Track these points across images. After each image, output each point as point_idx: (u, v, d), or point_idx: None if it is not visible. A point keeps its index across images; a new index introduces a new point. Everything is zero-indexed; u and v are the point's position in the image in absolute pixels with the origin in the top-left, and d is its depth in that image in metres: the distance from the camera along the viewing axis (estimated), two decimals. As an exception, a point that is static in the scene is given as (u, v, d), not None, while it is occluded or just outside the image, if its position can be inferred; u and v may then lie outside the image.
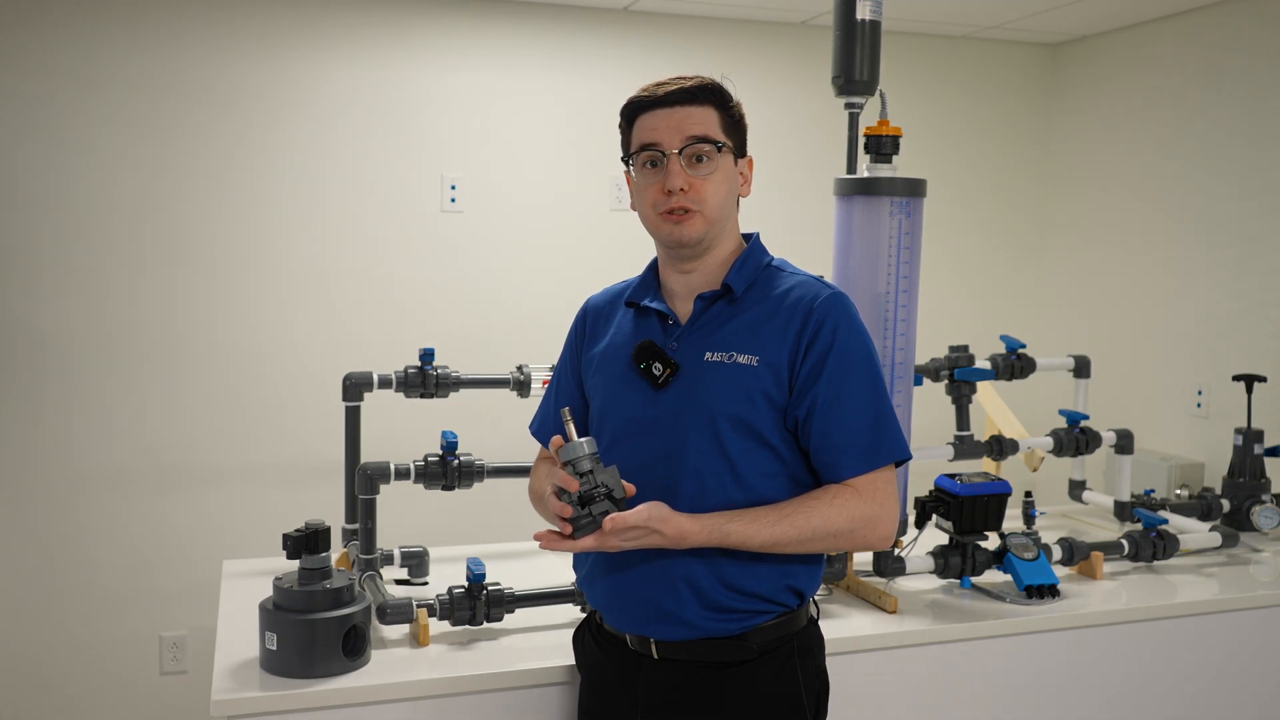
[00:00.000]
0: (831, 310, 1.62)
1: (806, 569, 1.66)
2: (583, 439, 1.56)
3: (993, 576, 2.40)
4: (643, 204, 1.67)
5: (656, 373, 1.64)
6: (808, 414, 1.60)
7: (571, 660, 1.88)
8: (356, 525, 2.21)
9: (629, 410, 1.67)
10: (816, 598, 2.28)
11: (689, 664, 1.63)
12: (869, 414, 1.61)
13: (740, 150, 1.69)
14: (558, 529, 1.56)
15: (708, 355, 1.63)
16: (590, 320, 1.82)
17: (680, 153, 1.62)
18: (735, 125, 1.68)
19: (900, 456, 1.64)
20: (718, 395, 1.61)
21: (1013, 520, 2.59)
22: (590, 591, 1.73)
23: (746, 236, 1.76)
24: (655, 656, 1.64)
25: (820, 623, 1.76)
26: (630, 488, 1.58)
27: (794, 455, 1.63)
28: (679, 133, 1.62)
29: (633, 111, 1.67)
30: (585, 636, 1.79)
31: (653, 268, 1.77)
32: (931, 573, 2.35)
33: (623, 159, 1.70)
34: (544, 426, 1.84)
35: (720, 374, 1.61)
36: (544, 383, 2.42)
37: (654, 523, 1.53)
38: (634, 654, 1.67)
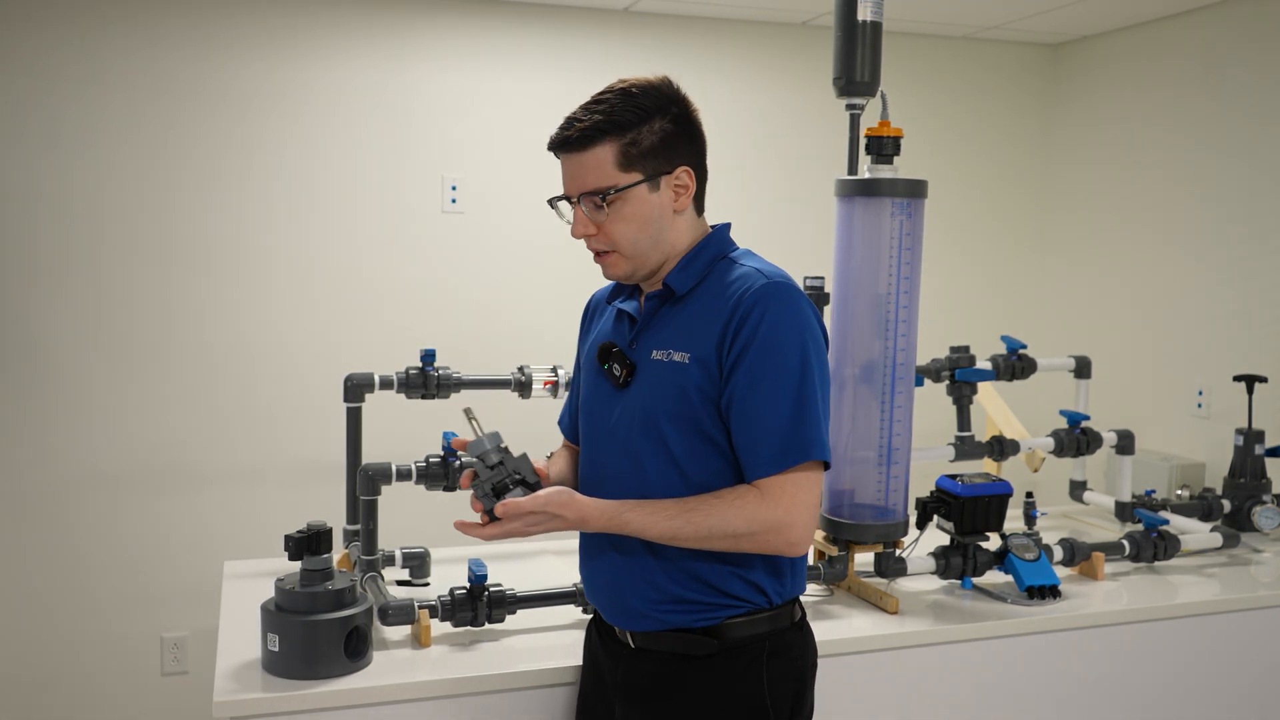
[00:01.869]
0: (761, 299, 1.55)
1: (767, 565, 1.63)
2: (487, 433, 1.60)
3: (994, 577, 2.40)
4: None
5: (616, 374, 1.66)
6: (728, 406, 1.57)
7: (573, 661, 1.91)
8: (358, 526, 2.21)
9: (597, 410, 1.71)
10: (813, 600, 2.29)
11: (660, 654, 1.65)
12: (785, 411, 1.54)
13: (656, 171, 1.59)
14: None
15: (654, 354, 1.64)
16: (590, 314, 1.87)
17: (579, 201, 1.61)
18: (644, 151, 1.58)
19: (808, 458, 1.54)
20: (657, 395, 1.61)
21: (1014, 521, 2.58)
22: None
23: (716, 228, 1.71)
24: (632, 646, 1.68)
25: (820, 624, 1.76)
26: (543, 472, 1.63)
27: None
28: (574, 183, 1.61)
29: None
30: (591, 626, 1.83)
31: None
32: (933, 573, 2.35)
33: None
34: (563, 419, 1.91)
35: (660, 373, 1.62)
36: (545, 383, 2.43)
37: (553, 507, 1.55)
38: (619, 642, 1.71)
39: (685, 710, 1.63)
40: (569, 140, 1.59)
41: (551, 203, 1.68)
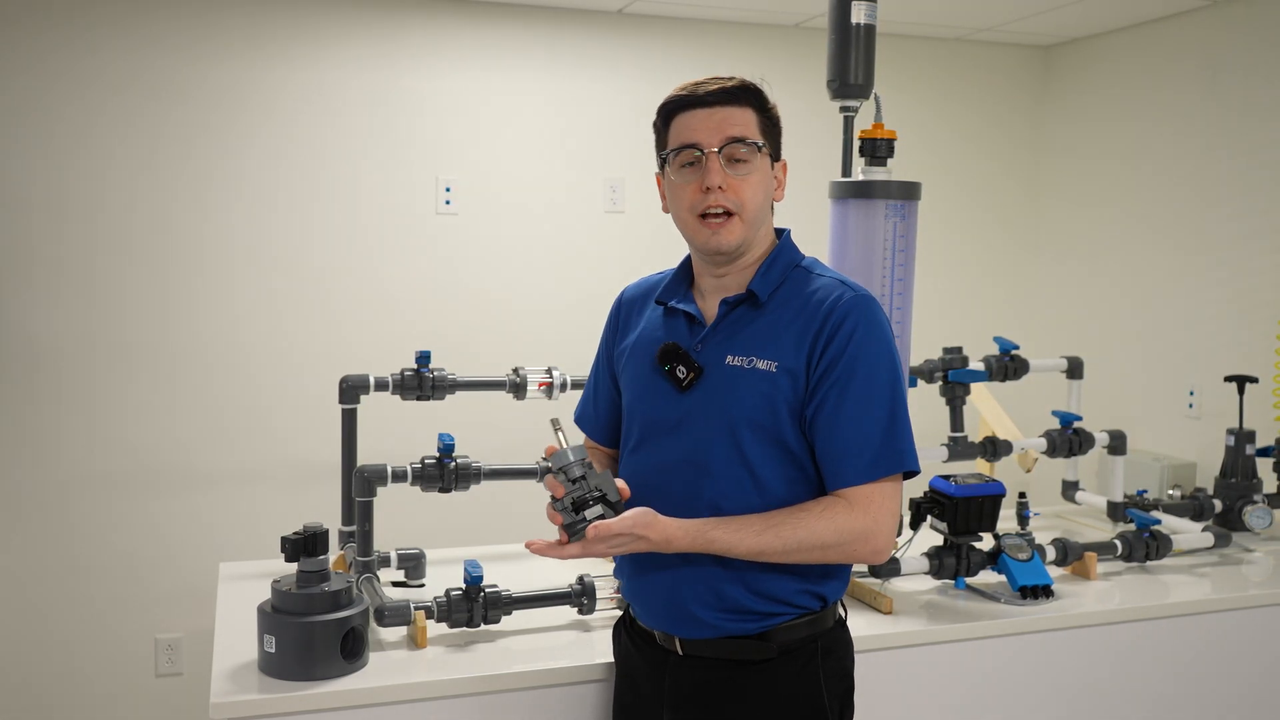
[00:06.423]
0: (852, 312, 1.58)
1: (827, 572, 1.64)
2: (572, 446, 1.56)
3: (987, 577, 2.41)
4: (678, 206, 1.66)
5: (680, 376, 1.64)
6: (814, 415, 1.58)
7: (568, 662, 1.92)
8: (353, 527, 2.21)
9: (655, 411, 1.68)
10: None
11: (712, 661, 1.64)
12: (876, 422, 1.57)
13: (776, 153, 1.69)
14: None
15: (729, 359, 1.62)
16: (624, 312, 1.83)
17: (720, 151, 1.60)
18: (772, 128, 1.67)
19: (902, 468, 1.59)
20: (736, 401, 1.60)
21: (1007, 521, 2.59)
22: (623, 585, 1.77)
23: (779, 232, 1.75)
24: (680, 653, 1.66)
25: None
26: (625, 491, 1.58)
27: (813, 461, 1.62)
28: (718, 132, 1.61)
29: (670, 111, 1.65)
30: (621, 632, 1.81)
31: (685, 265, 1.77)
32: (926, 574, 2.36)
33: (659, 158, 1.68)
34: (584, 414, 1.87)
35: (740, 379, 1.61)
36: (540, 385, 2.43)
37: (639, 529, 1.53)
38: (662, 650, 1.69)
39: (744, 716, 1.63)
40: (723, 92, 1.61)
41: (663, 161, 1.66)
